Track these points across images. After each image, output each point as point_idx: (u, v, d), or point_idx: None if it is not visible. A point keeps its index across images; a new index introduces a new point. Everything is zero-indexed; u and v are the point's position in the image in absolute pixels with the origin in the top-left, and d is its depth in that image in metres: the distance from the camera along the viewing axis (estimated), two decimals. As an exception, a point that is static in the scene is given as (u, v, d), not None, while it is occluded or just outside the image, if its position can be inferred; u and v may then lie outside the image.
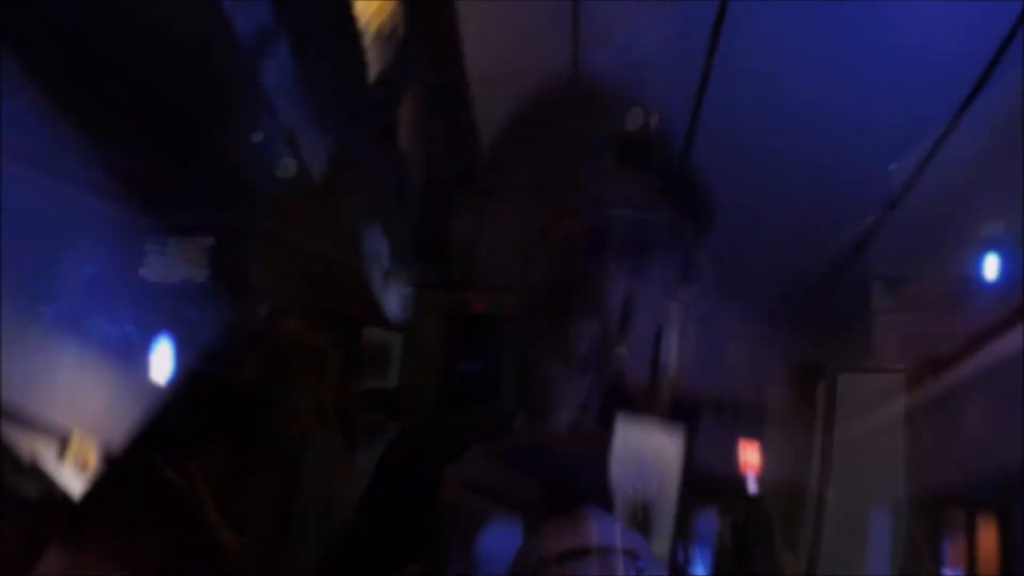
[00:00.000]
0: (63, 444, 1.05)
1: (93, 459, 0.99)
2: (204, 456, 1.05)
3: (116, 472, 1.09)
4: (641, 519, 0.40)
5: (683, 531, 0.43)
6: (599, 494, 0.23)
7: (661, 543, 0.41)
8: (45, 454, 1.04)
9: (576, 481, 0.23)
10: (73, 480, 0.98)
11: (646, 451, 0.43)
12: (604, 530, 0.23)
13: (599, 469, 0.23)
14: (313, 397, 1.12)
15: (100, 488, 1.04)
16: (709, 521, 0.41)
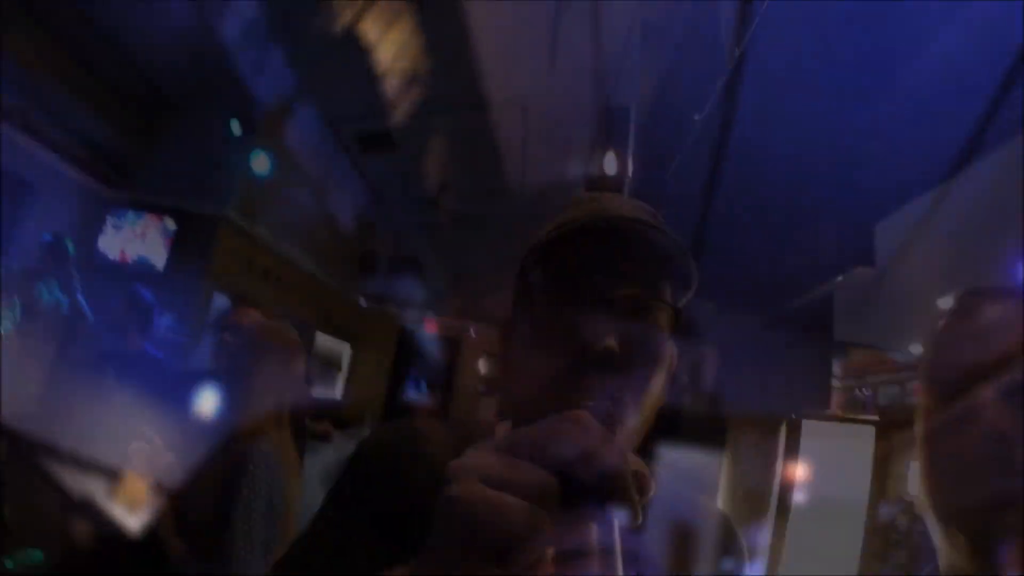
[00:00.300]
0: (113, 482, 1.07)
1: (143, 498, 1.01)
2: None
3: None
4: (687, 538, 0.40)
5: (731, 548, 0.43)
6: (603, 488, 0.23)
7: (706, 560, 0.41)
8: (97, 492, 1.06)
9: (581, 474, 0.23)
10: (126, 519, 1.00)
11: (686, 473, 0.43)
12: (604, 530, 0.23)
13: (602, 463, 0.23)
14: (273, 390, 1.09)
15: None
16: (759, 535, 0.41)
